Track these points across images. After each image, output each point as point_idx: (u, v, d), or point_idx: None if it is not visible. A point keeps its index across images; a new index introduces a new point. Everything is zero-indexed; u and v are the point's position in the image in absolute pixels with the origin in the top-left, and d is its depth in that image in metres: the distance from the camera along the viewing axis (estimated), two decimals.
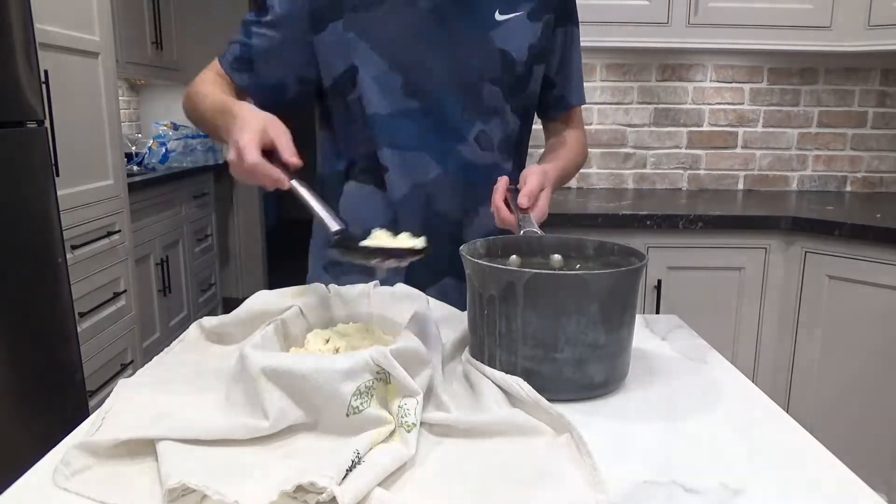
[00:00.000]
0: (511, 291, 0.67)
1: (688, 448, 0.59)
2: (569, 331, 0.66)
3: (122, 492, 0.52)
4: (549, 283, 0.66)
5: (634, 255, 0.76)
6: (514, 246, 0.83)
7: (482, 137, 1.03)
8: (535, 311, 0.67)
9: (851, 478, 0.54)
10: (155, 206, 2.86)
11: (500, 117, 1.04)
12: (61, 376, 1.85)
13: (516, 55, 1.01)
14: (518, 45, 1.01)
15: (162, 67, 3.49)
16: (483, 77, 1.01)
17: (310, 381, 0.59)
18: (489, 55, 1.00)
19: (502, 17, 1.00)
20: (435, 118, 1.01)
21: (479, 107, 1.02)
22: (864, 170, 2.38)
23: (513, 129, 1.07)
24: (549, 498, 0.51)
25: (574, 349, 0.67)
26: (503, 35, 1.00)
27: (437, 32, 0.98)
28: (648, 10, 1.97)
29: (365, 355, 0.60)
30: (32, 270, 1.73)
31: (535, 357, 0.68)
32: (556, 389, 0.67)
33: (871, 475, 1.89)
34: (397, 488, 0.53)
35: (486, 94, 1.02)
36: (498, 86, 1.02)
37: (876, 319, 1.71)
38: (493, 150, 1.05)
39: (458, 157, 1.02)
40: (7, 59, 1.62)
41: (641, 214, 1.82)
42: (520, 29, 1.01)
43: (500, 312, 0.68)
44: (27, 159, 1.71)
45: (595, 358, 0.68)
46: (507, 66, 1.01)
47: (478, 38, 0.99)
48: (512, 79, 1.02)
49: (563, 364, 0.67)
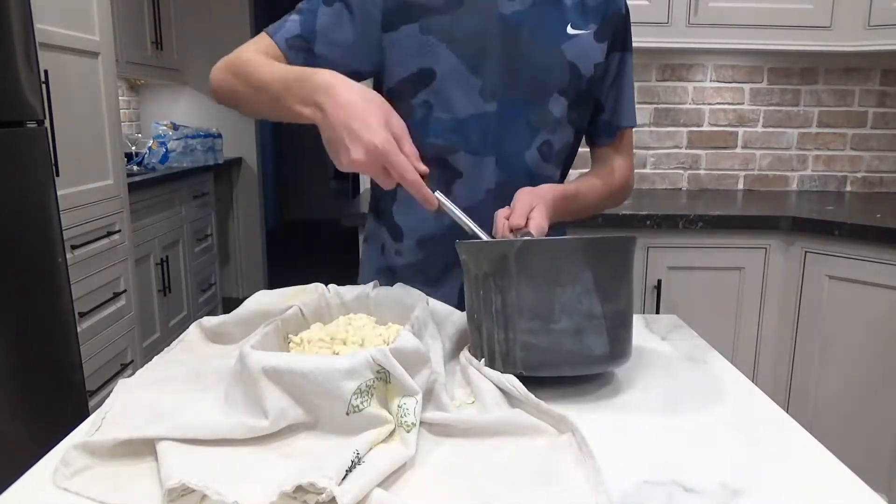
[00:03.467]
0: (504, 264, 0.67)
1: (688, 448, 0.59)
2: (564, 300, 0.66)
3: (121, 492, 0.52)
4: (541, 250, 0.67)
5: (628, 238, 0.76)
6: None
7: (545, 147, 1.03)
8: (529, 282, 0.67)
9: (851, 478, 0.54)
10: (155, 206, 2.86)
11: (562, 129, 1.04)
12: (61, 376, 1.85)
13: (584, 70, 1.01)
14: (586, 61, 1.02)
15: (162, 67, 3.49)
16: (553, 88, 1.01)
17: (310, 379, 0.59)
18: (560, 67, 1.00)
19: (574, 32, 1.00)
20: (507, 124, 1.01)
21: (547, 117, 1.02)
22: (864, 170, 2.38)
23: (568, 142, 1.07)
24: (550, 498, 0.51)
25: (571, 318, 0.66)
26: (574, 49, 1.00)
27: (513, 39, 0.98)
28: (648, 10, 1.97)
29: (366, 354, 0.60)
30: (32, 270, 1.73)
31: (532, 329, 0.67)
32: (556, 363, 0.67)
33: (871, 475, 1.89)
34: (397, 488, 0.53)
35: (554, 105, 1.02)
36: (565, 97, 1.02)
37: (876, 319, 1.71)
38: (552, 162, 1.05)
39: (522, 164, 1.02)
40: (7, 59, 1.62)
41: (641, 214, 1.82)
42: (588, 46, 1.02)
43: (496, 288, 0.68)
44: (27, 159, 1.71)
45: (593, 328, 0.67)
46: (574, 80, 1.01)
47: (551, 49, 0.99)
48: (577, 93, 1.03)
49: (562, 335, 0.67)
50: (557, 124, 1.03)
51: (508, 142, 1.01)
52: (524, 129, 1.01)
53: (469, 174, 1.01)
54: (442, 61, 0.97)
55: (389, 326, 0.77)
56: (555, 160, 1.06)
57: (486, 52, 0.98)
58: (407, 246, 1.06)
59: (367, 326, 0.76)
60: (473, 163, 1.01)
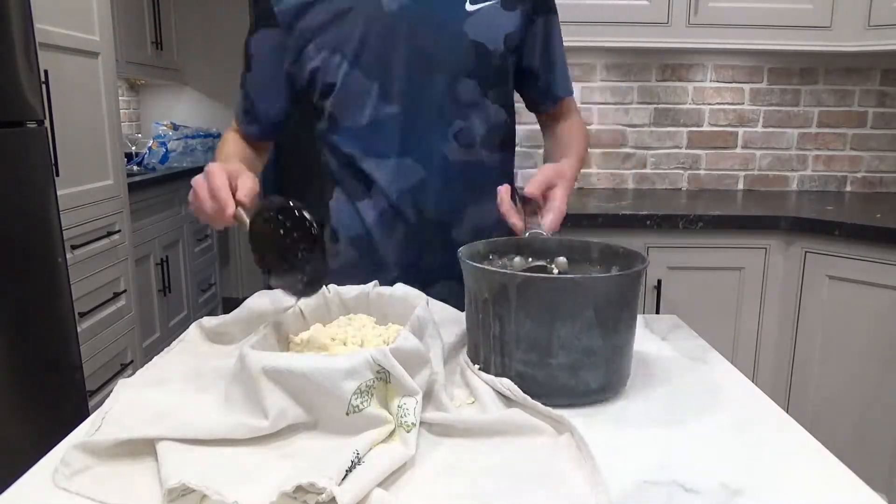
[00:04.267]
0: (504, 294, 0.65)
1: (688, 448, 0.59)
2: (563, 335, 0.64)
3: (121, 492, 0.52)
4: (542, 287, 0.65)
5: (638, 258, 0.74)
6: (516, 247, 0.82)
7: (462, 135, 1.01)
8: (528, 315, 0.65)
9: (851, 478, 0.54)
10: (155, 206, 2.86)
11: (480, 112, 1.02)
12: (61, 376, 1.85)
13: (492, 46, 0.99)
14: (493, 35, 0.99)
15: (162, 67, 3.49)
16: (459, 72, 0.99)
17: (310, 380, 0.59)
18: (463, 48, 0.98)
19: (474, 7, 0.97)
20: (415, 121, 1.00)
21: (457, 103, 1.00)
22: (864, 170, 2.38)
23: (496, 123, 1.05)
24: (549, 498, 0.51)
25: (569, 354, 0.65)
26: (476, 26, 0.97)
27: (406, 33, 0.97)
28: (648, 10, 1.97)
29: (366, 354, 0.60)
30: (32, 270, 1.73)
31: (528, 361, 0.66)
32: (550, 395, 0.66)
33: (871, 475, 1.88)
34: (397, 488, 0.53)
35: (462, 89, 1.00)
36: (474, 79, 1.00)
37: (876, 319, 1.71)
38: (476, 147, 1.03)
39: (441, 157, 1.01)
40: (7, 59, 1.62)
41: (641, 214, 1.82)
42: (494, 18, 0.98)
43: (494, 315, 0.67)
44: (27, 159, 1.71)
45: (591, 364, 0.66)
46: (482, 59, 0.99)
47: (449, 33, 0.97)
48: (489, 70, 1.00)
49: (558, 370, 0.66)
50: (472, 109, 1.01)
51: (421, 139, 1.00)
52: (436, 122, 1.00)
53: (383, 178, 1.02)
54: (338, 73, 0.99)
55: (389, 327, 0.77)
56: (484, 145, 1.04)
57: (381, 54, 0.97)
58: (342, 247, 1.10)
59: (367, 326, 0.76)
60: (385, 166, 1.01)
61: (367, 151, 1.02)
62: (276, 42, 1.01)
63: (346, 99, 1.00)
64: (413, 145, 1.01)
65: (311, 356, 0.64)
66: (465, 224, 1.05)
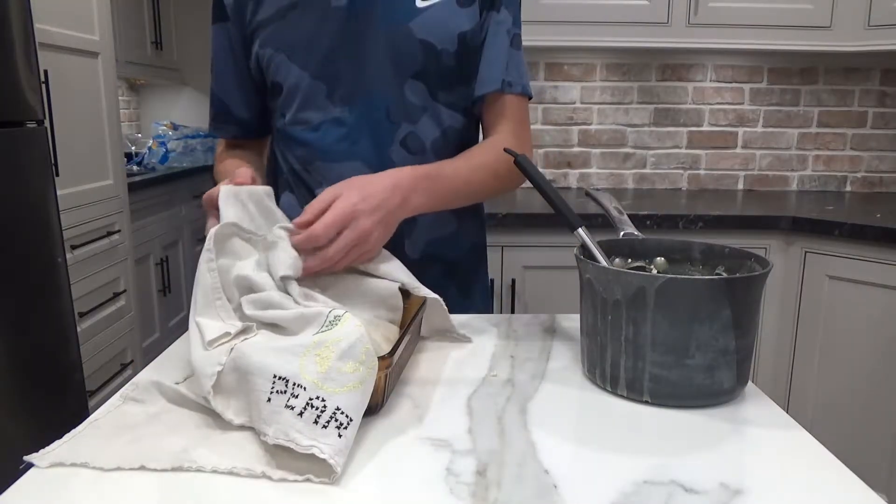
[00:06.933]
0: (640, 296, 0.65)
1: (688, 448, 0.59)
2: (700, 336, 0.65)
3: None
4: (683, 289, 0.64)
5: (748, 258, 0.73)
6: (614, 249, 0.80)
7: (410, 139, 0.95)
8: (666, 317, 0.65)
9: (851, 478, 0.54)
10: (155, 206, 2.86)
11: (430, 116, 0.95)
12: (61, 376, 1.85)
13: (441, 45, 0.92)
14: (444, 34, 0.92)
15: (162, 67, 3.49)
16: (405, 73, 0.93)
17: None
18: (409, 48, 0.91)
19: (424, 4, 0.91)
20: (362, 124, 0.94)
21: (404, 107, 0.94)
22: (864, 170, 2.38)
23: (451, 128, 0.98)
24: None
25: (705, 355, 0.65)
26: (425, 24, 0.91)
27: (353, 31, 0.91)
28: (648, 10, 1.97)
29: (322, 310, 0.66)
30: (32, 270, 1.73)
31: (664, 363, 0.66)
32: (684, 396, 0.66)
33: (871, 475, 1.88)
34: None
35: (410, 92, 0.93)
36: (422, 81, 0.93)
37: (876, 319, 1.71)
38: (425, 153, 0.96)
39: (389, 163, 0.93)
40: (7, 59, 1.62)
41: (641, 214, 1.82)
42: (445, 16, 0.92)
43: (628, 318, 0.66)
44: (27, 159, 1.71)
45: (725, 364, 0.66)
46: (430, 59, 0.92)
47: (396, 32, 0.91)
48: (439, 71, 0.93)
49: (694, 370, 0.66)
50: (421, 113, 0.94)
51: (369, 143, 0.94)
52: (384, 126, 0.94)
53: (333, 182, 0.85)
54: (284, 72, 0.94)
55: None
56: (433, 151, 0.96)
57: (326, 53, 0.92)
58: None
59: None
60: (334, 170, 0.95)
61: (315, 154, 0.97)
62: (228, 37, 0.98)
63: (292, 99, 0.95)
64: (360, 150, 0.95)
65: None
66: (414, 236, 0.99)
